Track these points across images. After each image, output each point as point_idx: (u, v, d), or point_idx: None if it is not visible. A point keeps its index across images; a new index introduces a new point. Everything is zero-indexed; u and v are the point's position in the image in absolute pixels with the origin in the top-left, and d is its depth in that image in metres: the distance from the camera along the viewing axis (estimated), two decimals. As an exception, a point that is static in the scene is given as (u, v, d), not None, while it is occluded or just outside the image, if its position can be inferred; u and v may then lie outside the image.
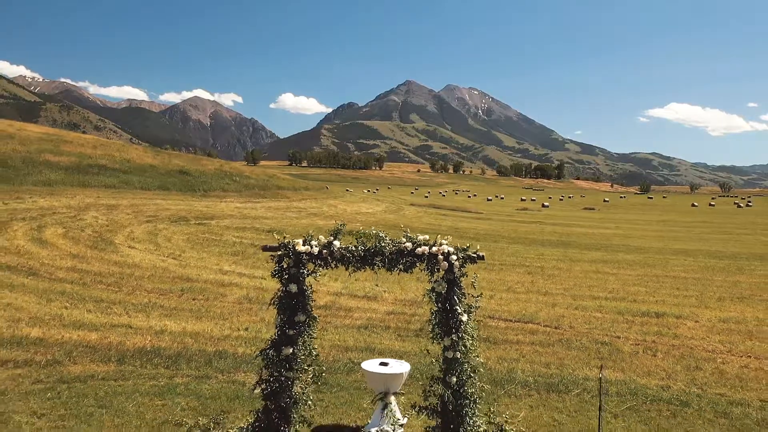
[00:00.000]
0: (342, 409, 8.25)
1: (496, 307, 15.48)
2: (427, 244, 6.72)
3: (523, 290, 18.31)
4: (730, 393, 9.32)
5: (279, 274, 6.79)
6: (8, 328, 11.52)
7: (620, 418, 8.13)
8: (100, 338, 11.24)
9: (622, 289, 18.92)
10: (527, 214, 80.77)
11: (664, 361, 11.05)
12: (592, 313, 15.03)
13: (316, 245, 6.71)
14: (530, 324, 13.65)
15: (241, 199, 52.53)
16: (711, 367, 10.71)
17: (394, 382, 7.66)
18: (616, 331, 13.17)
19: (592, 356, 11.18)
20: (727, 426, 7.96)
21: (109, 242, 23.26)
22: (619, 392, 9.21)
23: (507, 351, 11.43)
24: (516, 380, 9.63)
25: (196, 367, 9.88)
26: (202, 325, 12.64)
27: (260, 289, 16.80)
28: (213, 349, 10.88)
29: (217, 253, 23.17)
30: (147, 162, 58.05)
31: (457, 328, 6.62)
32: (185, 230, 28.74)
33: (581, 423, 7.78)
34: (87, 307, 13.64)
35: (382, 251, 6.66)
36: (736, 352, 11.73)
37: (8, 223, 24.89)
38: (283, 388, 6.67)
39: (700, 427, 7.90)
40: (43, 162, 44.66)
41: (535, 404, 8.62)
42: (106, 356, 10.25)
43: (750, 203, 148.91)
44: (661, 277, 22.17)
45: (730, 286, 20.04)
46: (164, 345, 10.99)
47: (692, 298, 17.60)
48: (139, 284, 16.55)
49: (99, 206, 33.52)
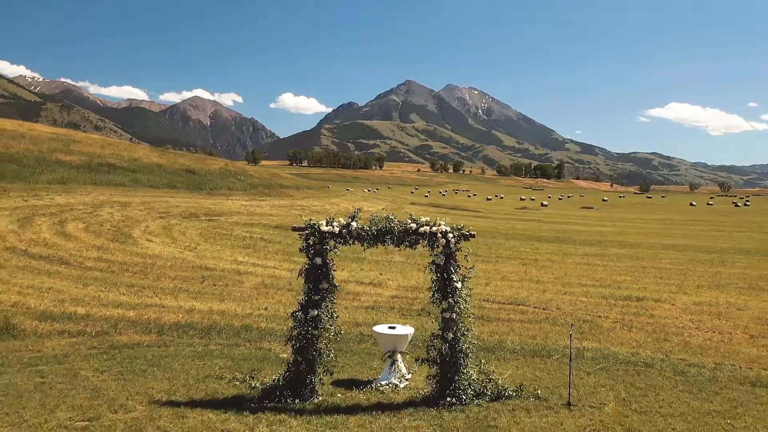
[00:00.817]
0: (356, 369, 9.68)
1: (491, 292, 16.92)
2: (428, 224, 8.16)
3: (517, 279, 19.75)
4: (690, 358, 10.76)
5: (306, 249, 8.24)
6: (56, 307, 12.96)
7: (592, 375, 9.57)
8: (138, 315, 12.68)
9: (608, 278, 20.36)
10: (526, 212, 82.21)
11: (637, 334, 12.49)
12: (578, 298, 16.47)
13: (337, 225, 8.15)
14: (521, 306, 15.09)
15: (247, 198, 53.95)
16: (677, 339, 12.15)
17: (401, 343, 9.11)
18: (598, 312, 14.61)
19: (575, 330, 12.60)
20: (682, 381, 9.39)
21: (128, 236, 24.69)
22: (594, 357, 10.65)
23: (498, 326, 12.86)
24: (505, 348, 11.06)
25: (226, 337, 11.32)
26: (226, 305, 14.08)
27: (274, 277, 18.23)
28: (239, 324, 12.33)
29: (230, 246, 24.60)
30: (154, 161, 59.46)
31: (453, 294, 8.06)
32: (197, 225, 30.17)
33: (557, 378, 9.21)
34: (120, 291, 15.09)
35: (391, 230, 8.10)
36: (703, 328, 13.16)
37: (32, 218, 26.32)
38: (310, 344, 8.10)
39: (660, 381, 9.33)
40: (55, 161, 46.07)
41: (521, 365, 10.05)
42: (146, 329, 11.69)
43: (748, 203, 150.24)
44: (648, 268, 23.61)
45: (710, 276, 21.48)
46: (195, 320, 12.44)
47: (672, 286, 19.04)
48: (162, 272, 17.99)
49: (113, 203, 34.94)
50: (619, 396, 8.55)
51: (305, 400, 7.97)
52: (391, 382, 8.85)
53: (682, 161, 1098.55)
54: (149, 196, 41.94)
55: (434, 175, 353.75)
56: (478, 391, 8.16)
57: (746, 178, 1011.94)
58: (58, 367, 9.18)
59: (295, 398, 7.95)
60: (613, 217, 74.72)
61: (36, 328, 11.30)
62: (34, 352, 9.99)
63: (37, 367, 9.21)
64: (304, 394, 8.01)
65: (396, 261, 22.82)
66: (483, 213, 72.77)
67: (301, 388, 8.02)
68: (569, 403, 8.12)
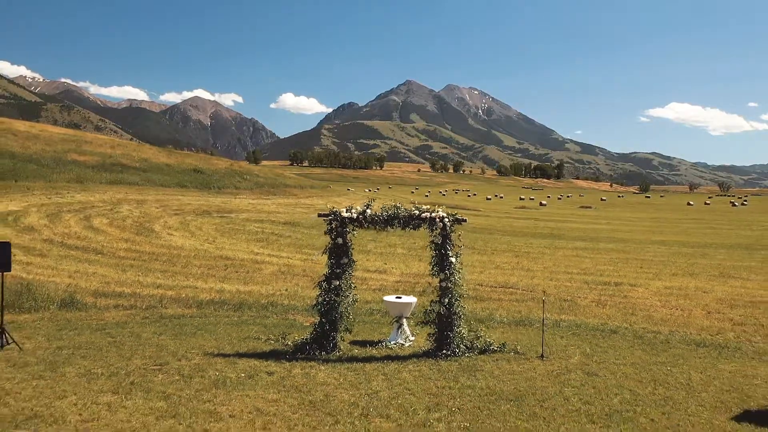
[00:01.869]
0: (368, 333, 11.60)
1: (485, 278, 18.84)
2: (428, 211, 10.09)
3: (509, 268, 21.68)
4: (650, 327, 12.69)
5: (330, 232, 10.17)
6: (104, 287, 14.90)
7: (564, 338, 11.49)
8: (177, 294, 14.61)
9: (593, 268, 22.28)
10: (524, 211, 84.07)
11: (609, 310, 14.42)
12: (563, 283, 18.40)
13: (355, 212, 10.08)
14: (510, 289, 17.02)
15: (253, 196, 55.87)
16: (643, 314, 14.08)
17: (406, 309, 11.04)
18: (578, 294, 16.53)
19: (555, 308, 14.54)
20: (639, 343, 11.31)
21: (150, 230, 26.62)
22: (569, 326, 12.57)
23: (489, 304, 14.79)
24: (494, 319, 12.98)
25: (256, 311, 13.25)
26: (251, 287, 16.02)
27: (289, 266, 20.16)
28: (265, 300, 14.26)
29: (245, 239, 26.53)
30: (162, 161, 61.39)
31: (449, 267, 9.99)
32: (211, 221, 32.11)
33: (535, 340, 11.10)
34: (155, 276, 17.03)
35: (398, 216, 10.03)
36: (668, 306, 15.09)
37: (59, 214, 28.26)
38: (333, 308, 10.03)
39: (620, 343, 11.25)
40: (70, 161, 48.03)
41: (506, 331, 11.97)
42: (187, 304, 13.63)
43: (745, 202, 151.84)
44: (631, 259, 25.54)
45: (687, 266, 23.40)
46: (227, 298, 14.37)
47: (650, 274, 20.96)
48: (188, 261, 19.93)
49: (129, 201, 36.88)
50: (585, 352, 10.48)
51: (329, 352, 9.91)
52: (398, 342, 10.78)
53: (682, 161, 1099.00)
54: (161, 194, 43.87)
55: (434, 175, 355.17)
56: (468, 346, 10.09)
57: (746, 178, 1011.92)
58: (122, 331, 11.11)
59: (321, 351, 9.88)
60: (609, 216, 76.59)
61: (95, 303, 13.24)
62: (99, 320, 11.93)
63: (105, 330, 11.14)
64: (329, 348, 9.94)
65: (399, 253, 24.75)
66: (482, 212, 74.60)
67: (326, 343, 9.96)
68: (542, 355, 10.05)
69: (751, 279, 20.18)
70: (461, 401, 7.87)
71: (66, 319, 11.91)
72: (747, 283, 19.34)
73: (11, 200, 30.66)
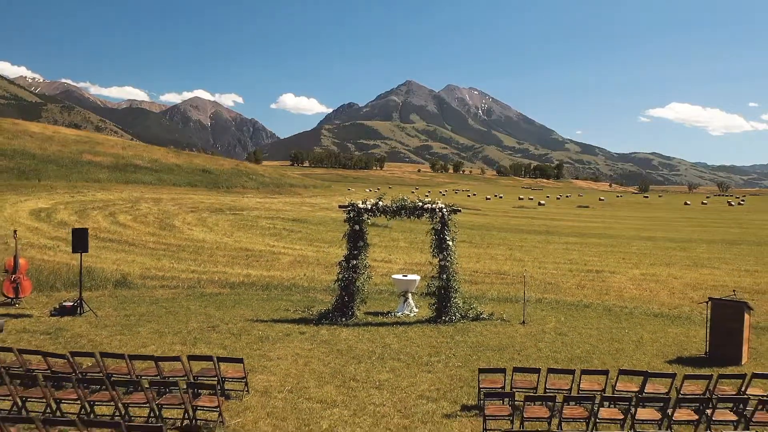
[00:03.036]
0: (378, 307, 13.72)
1: (480, 267, 20.98)
2: (430, 203, 12.24)
3: (503, 258, 23.82)
4: (619, 303, 14.83)
5: (349, 220, 12.33)
6: (146, 272, 17.05)
7: (544, 311, 13.63)
8: (210, 277, 16.77)
9: (579, 259, 24.42)
10: (522, 211, 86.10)
11: (586, 291, 16.57)
12: (549, 270, 20.55)
13: (369, 203, 12.22)
14: (502, 275, 19.16)
15: (260, 195, 58.05)
16: (615, 293, 16.23)
17: (411, 285, 13.18)
18: (562, 279, 18.67)
19: (540, 289, 16.68)
20: (606, 314, 13.45)
21: (172, 226, 28.77)
22: (549, 302, 14.71)
23: (483, 286, 16.93)
24: (486, 297, 15.11)
25: (281, 290, 15.40)
26: (273, 272, 18.17)
27: (303, 256, 22.29)
28: (288, 282, 16.41)
29: (259, 234, 28.68)
30: (172, 161, 63.60)
31: (446, 249, 12.15)
32: (225, 218, 34.25)
33: (518, 311, 13.22)
34: (187, 263, 19.19)
35: (405, 206, 12.19)
36: (639, 288, 17.23)
37: (86, 211, 30.41)
38: (351, 282, 12.18)
39: (590, 314, 13.38)
40: (86, 161, 50.22)
41: (495, 306, 14.08)
42: (221, 285, 15.78)
43: (742, 202, 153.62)
44: (616, 252, 27.67)
45: (666, 257, 25.53)
46: (254, 280, 16.52)
47: (630, 264, 23.10)
48: (212, 252, 22.08)
49: (146, 199, 39.03)
50: (559, 320, 12.62)
51: (348, 319, 12.06)
52: (405, 312, 12.92)
53: (682, 161, 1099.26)
54: (175, 193, 46.05)
55: (434, 176, 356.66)
56: (463, 314, 12.25)
57: (746, 178, 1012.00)
58: (173, 304, 13.26)
59: (342, 318, 12.04)
60: (605, 215, 78.64)
61: (143, 283, 15.41)
62: (150, 296, 14.08)
63: (159, 303, 13.29)
64: (348, 315, 12.11)
65: (401, 246, 26.87)
66: (481, 211, 76.67)
67: (346, 311, 12.12)
68: (523, 321, 12.20)
69: (721, 268, 22.33)
70: (455, 350, 10.02)
71: (123, 295, 14.06)
72: (715, 271, 21.49)
73: (39, 198, 32.81)
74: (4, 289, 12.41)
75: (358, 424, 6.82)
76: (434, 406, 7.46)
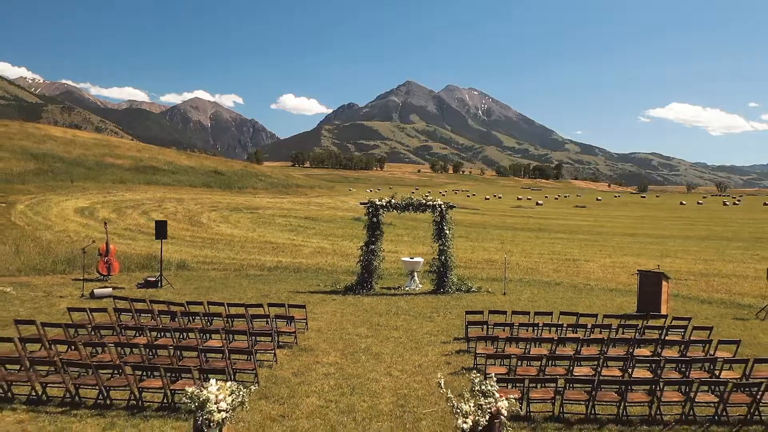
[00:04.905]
0: (390, 284, 17.17)
1: (474, 257, 24.42)
2: (431, 200, 15.69)
3: (494, 250, 27.27)
4: (584, 282, 18.27)
5: (368, 213, 15.79)
6: (194, 259, 20.49)
7: (522, 287, 17.07)
8: (249, 262, 20.22)
9: (562, 251, 27.86)
10: (519, 210, 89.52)
11: (560, 274, 20.01)
12: (533, 259, 24.00)
13: (384, 201, 15.68)
14: (492, 262, 22.61)
15: (270, 195, 61.51)
16: (583, 275, 19.68)
17: (417, 266, 16.64)
18: (542, 265, 22.12)
19: (522, 272, 20.12)
20: (572, 289, 16.87)
21: (200, 222, 32.21)
22: (528, 281, 18.15)
23: (474, 270, 20.38)
24: (477, 278, 18.54)
25: (310, 272, 18.85)
26: (299, 260, 21.62)
27: (321, 248, 25.73)
28: (314, 267, 19.87)
29: (278, 230, 32.13)
30: (185, 163, 67.05)
31: (444, 236, 15.61)
32: (245, 216, 37.72)
33: (502, 286, 16.66)
34: (225, 252, 22.63)
35: (412, 203, 15.65)
36: (605, 272, 20.66)
37: (122, 210, 33.87)
38: (369, 262, 15.64)
39: (559, 289, 16.81)
40: (108, 164, 53.68)
41: (484, 284, 17.53)
42: (260, 268, 19.23)
43: (737, 202, 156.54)
44: (596, 245, 31.11)
45: (639, 250, 28.96)
46: (285, 266, 19.97)
47: (605, 254, 26.54)
48: (243, 244, 25.52)
49: (170, 199, 42.49)
50: (533, 292, 16.08)
51: (368, 291, 15.52)
52: (411, 287, 16.38)
53: (682, 161, 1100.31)
54: (193, 193, 49.51)
55: (434, 176, 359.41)
56: (457, 288, 15.71)
57: (746, 178, 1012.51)
58: (228, 281, 16.71)
59: (362, 290, 15.49)
60: (599, 214, 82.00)
61: (198, 266, 18.87)
62: (207, 276, 17.52)
63: (216, 281, 16.73)
64: (367, 288, 15.56)
65: (405, 240, 30.31)
66: (479, 210, 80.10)
67: (366, 285, 15.59)
68: (504, 293, 15.65)
69: (683, 258, 25.77)
70: (450, 309, 13.49)
71: (185, 275, 17.52)
72: (677, 260, 24.92)
73: (77, 198, 36.27)
74: (99, 268, 15.88)
75: (385, 345, 10.28)
76: (434, 338, 10.92)
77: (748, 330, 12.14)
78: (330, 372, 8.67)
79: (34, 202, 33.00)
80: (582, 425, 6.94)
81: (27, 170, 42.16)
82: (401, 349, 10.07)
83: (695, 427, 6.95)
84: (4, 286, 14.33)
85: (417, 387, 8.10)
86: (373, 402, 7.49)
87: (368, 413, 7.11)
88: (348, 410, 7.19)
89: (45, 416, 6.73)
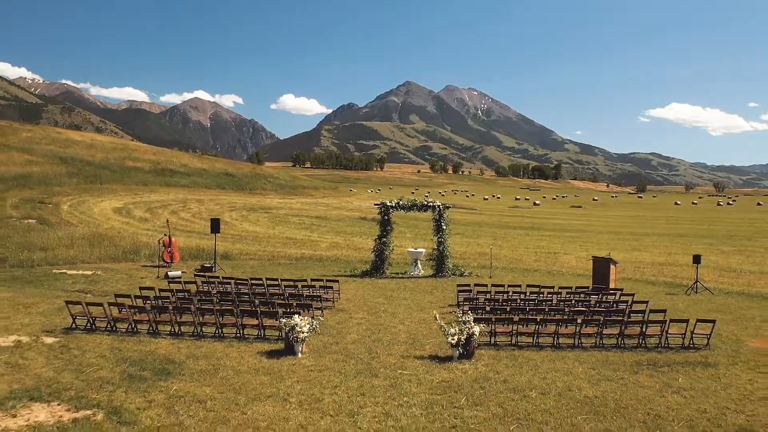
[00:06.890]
0: (397, 270, 20.93)
1: (467, 251, 28.19)
2: (431, 202, 19.52)
3: (486, 245, 31.01)
4: (557, 269, 22.03)
5: (380, 212, 19.61)
6: (231, 250, 24.26)
7: (506, 273, 20.84)
8: (277, 254, 24.00)
9: (546, 246, 31.64)
10: (517, 210, 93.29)
11: (539, 263, 23.78)
12: (519, 252, 27.78)
13: (393, 202, 19.49)
14: (482, 255, 26.38)
15: (279, 196, 65.30)
16: (559, 264, 23.47)
17: (420, 255, 20.45)
18: (526, 257, 25.89)
19: (507, 262, 23.90)
20: (545, 273, 20.63)
21: (224, 221, 35.91)
22: (511, 269, 21.93)
23: (467, 261, 24.15)
24: (469, 266, 22.31)
25: (330, 262, 22.63)
26: (319, 252, 25.41)
27: (336, 243, 29.50)
28: (333, 257, 23.64)
29: (295, 227, 35.90)
30: (198, 165, 70.82)
31: (441, 231, 19.44)
32: (262, 215, 41.48)
33: (488, 273, 20.41)
34: (254, 246, 26.41)
35: (416, 204, 19.48)
36: (578, 262, 24.40)
37: (153, 209, 37.62)
38: (382, 252, 19.46)
39: (537, 274, 20.58)
40: (129, 167, 57.45)
41: (474, 271, 21.30)
42: (288, 258, 23.02)
43: (732, 202, 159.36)
44: (579, 241, 34.88)
45: (615, 245, 32.72)
46: (308, 256, 23.75)
47: (583, 249, 30.30)
48: (267, 240, 29.29)
49: (191, 200, 46.25)
50: (514, 276, 19.85)
51: (381, 274, 19.33)
52: (414, 273, 20.16)
53: (682, 161, 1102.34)
54: (210, 194, 53.30)
55: (434, 176, 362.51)
56: (453, 272, 19.51)
57: (745, 178, 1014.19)
58: (265, 267, 20.45)
59: (376, 274, 19.28)
60: (593, 214, 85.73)
61: (239, 256, 22.63)
62: (247, 264, 21.28)
63: (255, 267, 20.47)
64: (380, 273, 19.39)
65: (408, 236, 34.08)
66: (477, 210, 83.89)
67: (379, 270, 19.41)
68: (491, 276, 19.44)
69: (651, 252, 29.55)
70: (446, 286, 17.28)
71: (229, 263, 21.30)
72: (644, 254, 28.70)
73: (111, 199, 40.06)
74: (164, 256, 19.66)
75: (398, 308, 14.07)
76: (434, 304, 14.71)
77: (671, 301, 15.92)
78: (361, 322, 12.44)
79: (75, 203, 36.76)
80: (529, 349, 10.68)
81: (60, 173, 45.89)
82: (410, 310, 13.84)
83: (604, 351, 10.71)
84: (95, 270, 18.12)
85: (422, 329, 11.87)
86: (393, 337, 11.25)
87: (391, 341, 10.87)
88: (378, 340, 10.96)
89: (183, 343, 10.48)
